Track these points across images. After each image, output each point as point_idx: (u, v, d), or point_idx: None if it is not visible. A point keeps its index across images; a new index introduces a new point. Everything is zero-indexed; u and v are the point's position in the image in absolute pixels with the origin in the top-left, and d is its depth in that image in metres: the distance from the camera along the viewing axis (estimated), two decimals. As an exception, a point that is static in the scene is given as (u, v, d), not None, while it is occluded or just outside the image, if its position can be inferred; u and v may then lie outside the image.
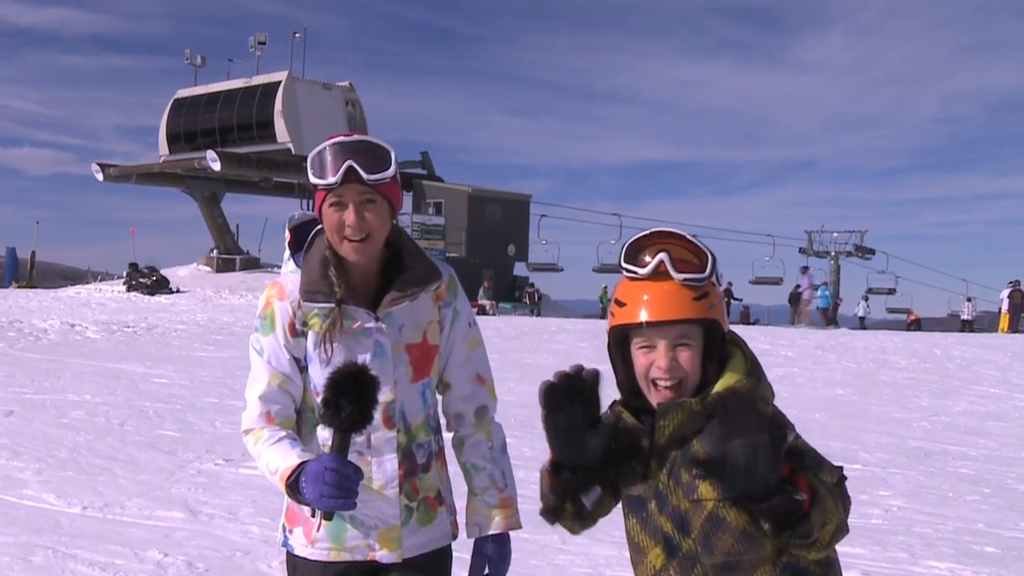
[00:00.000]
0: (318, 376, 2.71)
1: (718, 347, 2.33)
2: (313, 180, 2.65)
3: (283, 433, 2.71)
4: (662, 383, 2.33)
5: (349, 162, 2.61)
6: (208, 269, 50.16)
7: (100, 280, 50.29)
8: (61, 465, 8.72)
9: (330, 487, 2.44)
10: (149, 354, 18.71)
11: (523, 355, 20.35)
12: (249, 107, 48.44)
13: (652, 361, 2.33)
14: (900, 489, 8.76)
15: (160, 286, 41.79)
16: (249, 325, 21.46)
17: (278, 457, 2.63)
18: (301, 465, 2.55)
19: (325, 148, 2.66)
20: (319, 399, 2.66)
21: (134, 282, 42.10)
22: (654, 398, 2.35)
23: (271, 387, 2.73)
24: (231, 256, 51.17)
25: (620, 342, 2.39)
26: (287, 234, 2.86)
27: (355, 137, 2.71)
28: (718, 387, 2.27)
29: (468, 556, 2.93)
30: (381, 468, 2.76)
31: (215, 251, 51.90)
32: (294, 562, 2.86)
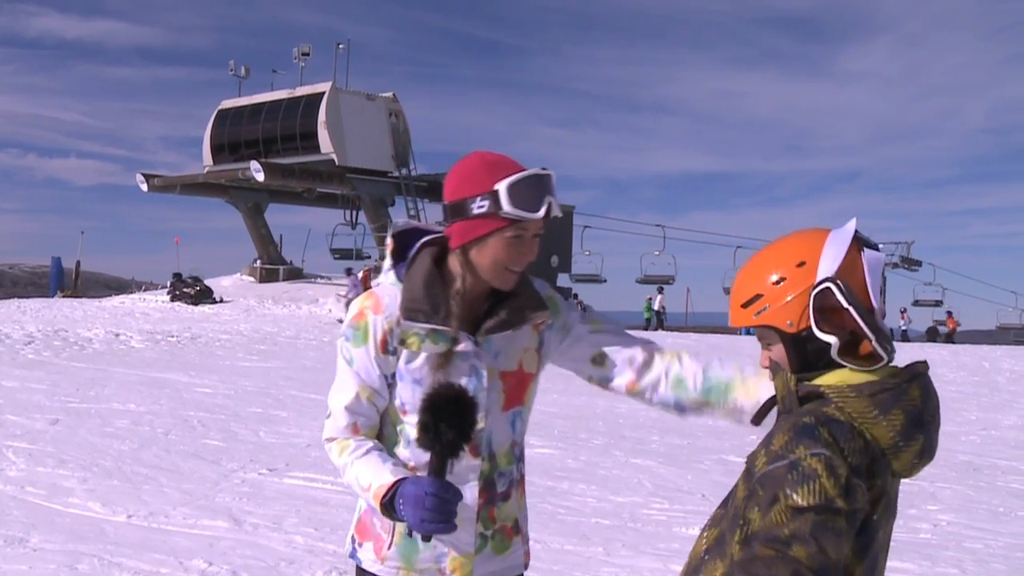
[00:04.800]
0: (407, 394, 2.67)
1: (803, 351, 2.25)
2: (512, 210, 2.56)
3: (370, 444, 2.67)
4: None
5: (550, 199, 2.58)
6: (251, 279, 50.46)
7: (144, 290, 50.67)
8: (106, 473, 8.77)
9: (431, 512, 2.41)
10: (193, 364, 18.84)
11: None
12: (293, 118, 48.63)
13: None
14: (949, 504, 8.63)
15: (204, 296, 42.08)
16: (292, 335, 21.55)
17: (370, 472, 2.58)
18: (397, 484, 2.51)
19: (526, 179, 2.59)
20: (405, 417, 2.67)
21: (178, 292, 42.41)
22: None
23: (359, 399, 2.69)
24: (274, 266, 51.47)
25: None
26: (389, 241, 2.80)
27: (547, 171, 2.64)
28: (820, 379, 2.22)
29: None
30: None
31: (258, 261, 52.19)
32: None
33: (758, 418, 2.43)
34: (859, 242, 2.24)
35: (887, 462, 2.15)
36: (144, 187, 52.62)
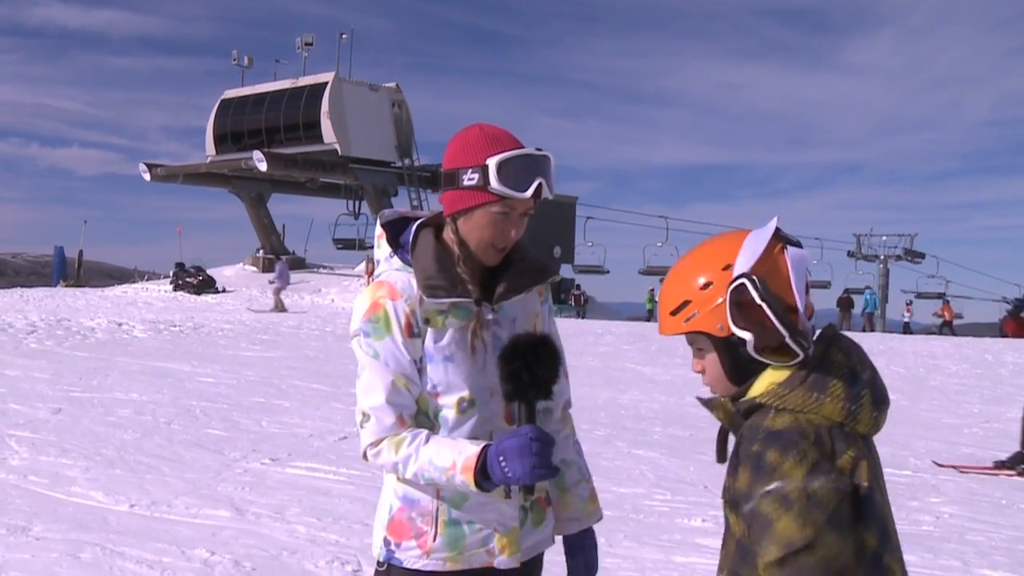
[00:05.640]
0: (439, 374, 2.61)
1: (736, 355, 2.22)
2: (499, 187, 2.55)
3: (426, 432, 2.60)
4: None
5: (540, 180, 2.57)
6: (254, 269, 50.50)
7: (147, 279, 50.75)
8: (109, 463, 8.78)
9: (539, 457, 2.39)
10: (195, 353, 18.85)
11: (568, 358, 20.21)
12: (296, 108, 48.60)
13: None
14: (952, 496, 8.61)
15: (206, 286, 42.16)
16: (294, 325, 21.43)
17: (446, 451, 2.51)
18: (486, 447, 2.47)
19: (518, 158, 2.58)
20: (439, 399, 2.62)
21: (180, 281, 42.51)
22: None
23: (397, 389, 2.59)
24: (277, 256, 51.50)
25: None
26: (380, 231, 2.77)
27: (543, 152, 2.63)
28: (751, 392, 2.21)
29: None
30: None
31: (261, 251, 52.26)
32: None
33: (721, 456, 2.39)
34: (781, 240, 2.20)
35: (849, 429, 2.13)
36: (147, 177, 52.63)
